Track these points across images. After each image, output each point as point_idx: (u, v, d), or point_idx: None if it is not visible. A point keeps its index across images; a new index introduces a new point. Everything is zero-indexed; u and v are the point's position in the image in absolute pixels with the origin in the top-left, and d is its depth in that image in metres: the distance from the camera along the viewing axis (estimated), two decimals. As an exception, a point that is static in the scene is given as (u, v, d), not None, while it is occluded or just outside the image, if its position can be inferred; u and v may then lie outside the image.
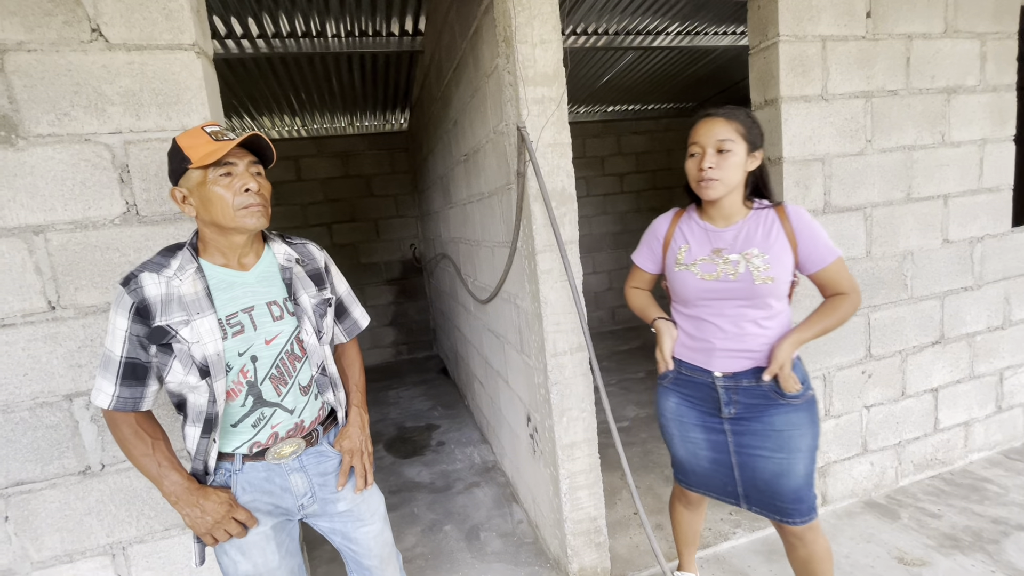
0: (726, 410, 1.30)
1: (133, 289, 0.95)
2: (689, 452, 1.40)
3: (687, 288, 1.31)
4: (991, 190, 2.17)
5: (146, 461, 1.01)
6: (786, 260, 1.21)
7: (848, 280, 1.23)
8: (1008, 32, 2.08)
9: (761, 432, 1.27)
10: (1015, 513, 1.98)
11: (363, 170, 5.01)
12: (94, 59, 1.20)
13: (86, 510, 1.32)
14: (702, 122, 1.23)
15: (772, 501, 1.30)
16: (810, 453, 1.27)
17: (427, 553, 2.08)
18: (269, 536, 1.09)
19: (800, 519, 1.28)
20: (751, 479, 1.32)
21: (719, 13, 3.07)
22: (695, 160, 1.24)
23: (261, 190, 1.00)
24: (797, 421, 1.25)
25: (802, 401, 1.25)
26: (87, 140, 1.22)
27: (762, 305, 1.23)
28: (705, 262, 1.28)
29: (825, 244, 1.21)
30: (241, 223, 0.98)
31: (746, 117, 1.22)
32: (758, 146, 1.23)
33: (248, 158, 1.00)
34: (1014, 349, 2.34)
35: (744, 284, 1.22)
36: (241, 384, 1.02)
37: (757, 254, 1.22)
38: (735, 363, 1.27)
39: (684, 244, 1.33)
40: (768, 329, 1.25)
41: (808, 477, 1.28)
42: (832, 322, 1.23)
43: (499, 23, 1.58)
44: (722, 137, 1.19)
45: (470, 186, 2.47)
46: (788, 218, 1.23)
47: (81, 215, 1.24)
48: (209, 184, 0.95)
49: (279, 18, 2.57)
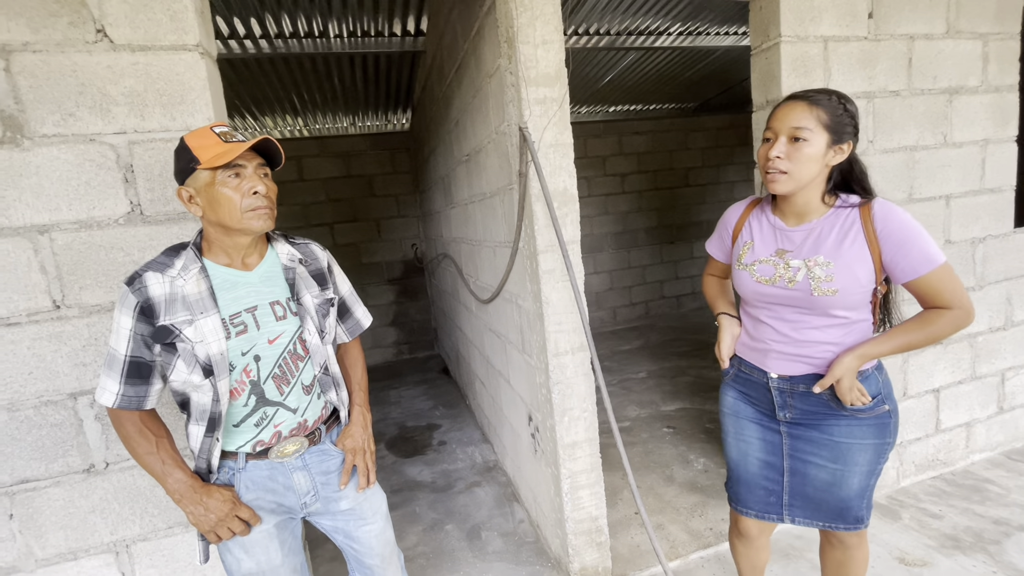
0: (780, 413, 1.22)
1: (137, 288, 0.96)
2: (741, 452, 1.32)
3: (744, 288, 1.22)
4: (993, 191, 2.17)
5: (150, 459, 1.01)
6: (859, 270, 1.07)
7: (952, 293, 1.05)
8: (1010, 33, 2.08)
9: (819, 440, 1.19)
10: (1016, 514, 1.97)
11: (365, 170, 5.02)
12: (99, 60, 1.20)
13: (90, 508, 1.33)
14: (781, 106, 1.10)
15: (817, 509, 1.23)
16: (870, 468, 1.17)
17: (428, 552, 2.09)
18: (272, 534, 1.09)
19: (844, 525, 1.22)
20: (800, 487, 1.23)
21: (721, 14, 3.07)
22: (766, 146, 1.11)
23: (269, 192, 1.01)
24: (860, 434, 1.15)
25: (870, 415, 1.15)
26: (92, 140, 1.23)
27: (824, 315, 1.12)
28: (765, 264, 1.17)
29: (921, 251, 1.04)
30: (248, 225, 0.99)
31: (836, 103, 1.06)
32: (845, 138, 1.07)
33: (257, 160, 1.01)
34: (1016, 350, 2.34)
35: (801, 294, 1.11)
36: (244, 383, 1.03)
37: (822, 263, 1.09)
38: (791, 366, 1.18)
39: (749, 240, 1.23)
40: (831, 337, 1.13)
41: (862, 491, 1.19)
42: (917, 338, 1.08)
43: (501, 24, 1.59)
44: (797, 124, 1.05)
45: (472, 186, 2.48)
46: (873, 220, 1.06)
47: (86, 215, 1.24)
48: (218, 185, 0.96)
49: (282, 18, 2.57)
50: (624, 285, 5.83)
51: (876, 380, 1.16)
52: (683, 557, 1.90)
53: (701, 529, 2.05)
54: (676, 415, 3.20)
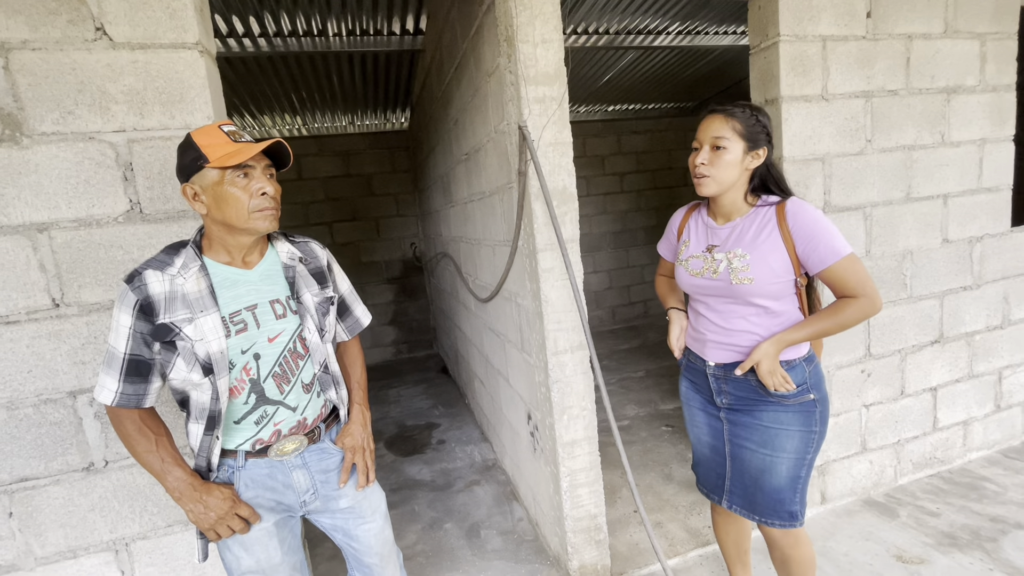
0: (717, 399, 1.33)
1: (137, 286, 0.96)
2: (695, 437, 1.44)
3: (681, 282, 1.36)
4: (990, 190, 2.17)
5: (149, 457, 1.01)
6: (773, 261, 1.17)
7: (857, 282, 1.16)
8: (1008, 32, 2.08)
9: (750, 425, 1.28)
10: (1013, 512, 1.98)
11: (364, 169, 5.02)
12: (98, 58, 1.20)
13: (89, 506, 1.33)
14: (705, 118, 1.23)
15: (753, 498, 1.30)
16: (798, 456, 1.24)
17: (428, 551, 2.09)
18: (272, 532, 1.09)
19: (779, 522, 1.27)
20: (739, 472, 1.32)
21: (720, 13, 3.07)
22: (694, 155, 1.24)
23: (275, 194, 1.02)
24: (787, 421, 1.23)
25: (795, 402, 1.23)
26: (91, 138, 1.22)
27: (748, 304, 1.22)
28: (696, 259, 1.30)
29: (827, 244, 1.15)
30: (253, 225, 0.99)
31: (749, 115, 1.19)
32: (760, 144, 1.20)
33: (265, 161, 1.01)
34: (1013, 348, 2.35)
35: (723, 283, 1.23)
36: (244, 382, 1.03)
37: (739, 254, 1.21)
38: (724, 354, 1.29)
39: (687, 239, 1.36)
40: (757, 326, 1.23)
41: (792, 481, 1.25)
42: (829, 325, 1.18)
43: (501, 22, 1.59)
44: (716, 134, 1.19)
45: (471, 185, 2.48)
46: (785, 217, 1.19)
47: (85, 213, 1.24)
48: (226, 184, 0.96)
49: (280, 17, 2.57)
50: (623, 284, 5.84)
51: (803, 370, 1.24)
52: (682, 555, 1.91)
53: (700, 527, 2.06)
54: (675, 414, 3.20)
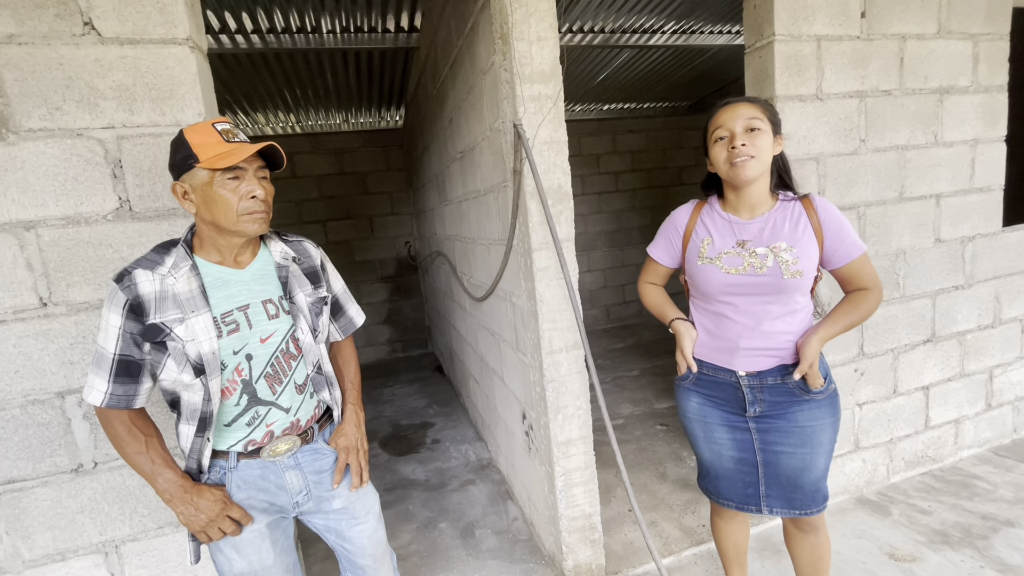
0: (751, 409, 1.27)
1: (127, 286, 0.94)
2: (714, 453, 1.36)
3: (711, 283, 1.25)
4: (982, 190, 2.19)
5: (140, 459, 1.00)
6: (812, 254, 1.18)
7: (872, 275, 1.21)
8: (1000, 33, 2.09)
9: (785, 429, 1.25)
10: (1004, 509, 2.00)
11: (358, 167, 4.99)
12: (86, 53, 1.18)
13: (78, 508, 1.32)
14: (725, 108, 1.20)
15: (792, 496, 1.28)
16: (830, 446, 1.27)
17: (422, 551, 2.08)
18: (264, 534, 1.08)
19: (816, 508, 1.28)
20: (774, 476, 1.29)
21: (715, 12, 3.07)
22: (724, 143, 1.19)
23: (267, 196, 1.00)
24: (820, 415, 1.24)
25: (825, 396, 1.24)
26: (79, 135, 1.21)
27: (788, 301, 1.21)
28: (730, 256, 1.23)
29: (852, 238, 1.19)
30: (242, 228, 0.98)
31: (764, 101, 1.21)
32: (779, 130, 1.21)
33: (257, 162, 1.00)
34: (1004, 347, 2.37)
35: (772, 279, 1.18)
36: (236, 383, 1.02)
37: (786, 248, 1.18)
38: (760, 362, 1.24)
39: (707, 237, 1.28)
40: (792, 326, 1.22)
41: (826, 469, 1.28)
42: (857, 317, 1.21)
43: (496, 20, 1.58)
44: (751, 116, 1.16)
45: (466, 183, 2.47)
46: (815, 211, 1.20)
47: (73, 211, 1.22)
48: (215, 186, 0.95)
49: (273, 13, 2.55)
50: (618, 283, 5.84)
51: (824, 362, 1.26)
52: (676, 554, 1.91)
53: (694, 526, 2.06)
54: (669, 413, 3.21)
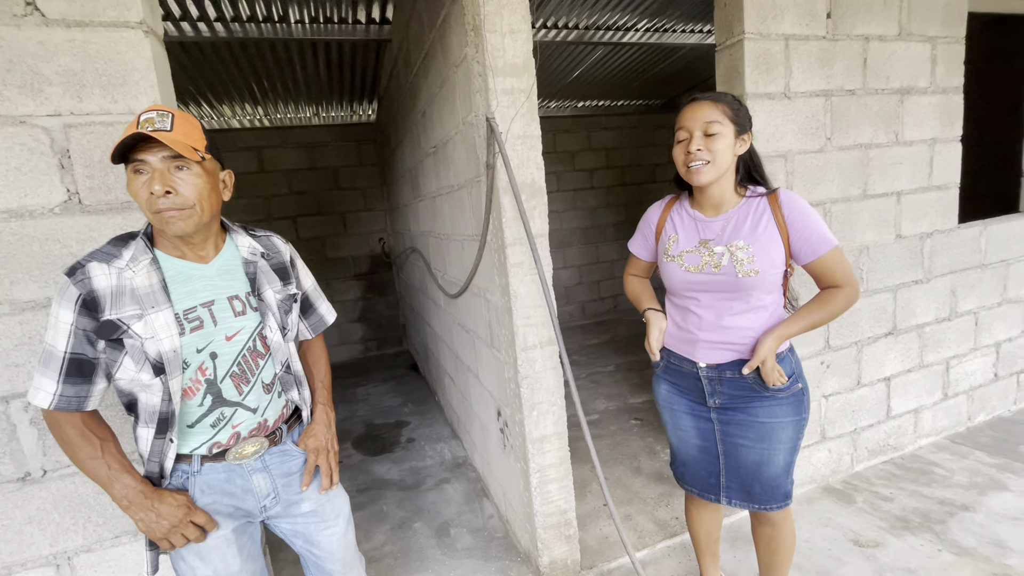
0: (711, 400, 1.30)
1: (80, 280, 0.89)
2: (680, 440, 1.41)
3: (673, 279, 1.30)
4: (940, 188, 2.27)
5: (94, 464, 0.94)
6: (773, 252, 1.18)
7: (844, 272, 1.19)
8: (956, 36, 2.18)
9: (745, 422, 1.27)
10: (959, 494, 2.09)
11: (330, 162, 4.88)
12: (29, 35, 1.11)
13: (26, 519, 1.24)
14: (688, 107, 1.20)
15: (751, 489, 1.31)
16: (791, 444, 1.27)
17: (396, 552, 2.05)
18: (230, 540, 1.04)
19: (775, 504, 1.30)
20: (734, 468, 1.32)
21: (687, 10, 3.11)
22: (683, 146, 1.20)
23: (178, 191, 0.90)
24: (781, 413, 1.24)
25: (787, 395, 1.24)
26: (22, 122, 1.13)
27: (747, 298, 1.21)
28: (691, 254, 1.26)
29: (820, 234, 1.16)
30: (161, 227, 0.92)
31: (732, 99, 1.19)
32: (746, 129, 1.20)
33: (163, 151, 0.89)
34: (959, 339, 2.47)
35: (727, 277, 1.20)
36: (199, 382, 0.98)
37: (742, 246, 1.18)
38: (718, 354, 1.26)
39: (673, 234, 1.31)
40: (753, 322, 1.22)
41: (787, 467, 1.29)
42: (821, 316, 1.20)
43: (468, 12, 1.55)
44: (709, 119, 1.15)
45: (439, 178, 2.43)
46: (780, 207, 1.18)
47: (16, 203, 1.15)
48: (128, 181, 0.90)
49: (239, 1, 2.46)
50: (593, 279, 5.88)
51: (790, 361, 1.27)
52: (650, 547, 1.93)
53: (668, 519, 2.09)
54: (644, 407, 3.25)
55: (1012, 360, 2.66)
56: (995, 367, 2.61)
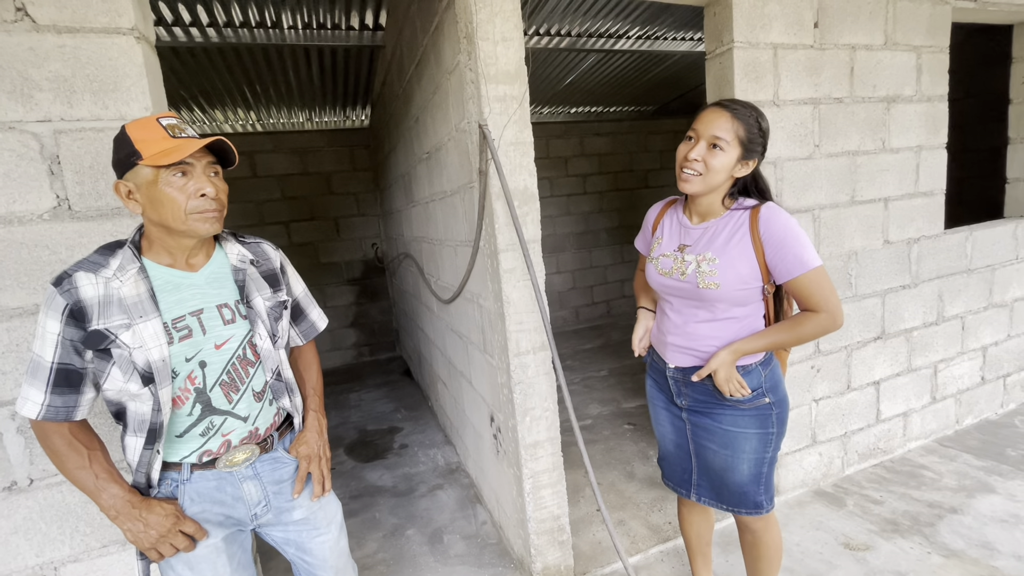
0: (679, 400, 1.34)
1: (67, 289, 0.88)
2: (660, 434, 1.46)
3: (650, 280, 1.34)
4: (926, 194, 2.31)
5: (82, 474, 0.94)
6: (742, 267, 1.15)
7: (821, 298, 1.12)
8: (940, 46, 2.22)
9: (710, 427, 1.29)
10: (948, 497, 2.11)
11: (323, 167, 4.87)
12: (19, 41, 1.10)
13: (12, 529, 1.22)
14: (708, 110, 1.16)
15: (720, 491, 1.34)
16: (757, 456, 1.26)
17: (389, 559, 2.04)
18: (220, 549, 1.03)
19: (746, 510, 1.31)
20: (704, 467, 1.35)
21: (678, 19, 3.14)
22: (686, 146, 1.17)
23: (219, 194, 0.95)
24: (744, 424, 1.25)
25: (750, 407, 1.23)
26: (11, 128, 1.12)
27: (713, 308, 1.21)
28: (667, 257, 1.28)
29: (795, 255, 1.12)
30: (192, 228, 0.93)
31: (754, 122, 1.14)
32: (753, 156, 1.16)
33: (207, 158, 0.94)
34: (947, 343, 2.50)
35: (690, 286, 1.21)
36: (188, 391, 0.97)
37: (709, 258, 1.18)
38: (683, 358, 1.29)
39: (660, 236, 1.34)
40: (719, 332, 1.22)
41: (754, 477, 1.28)
42: (785, 338, 1.17)
43: (460, 19, 1.56)
44: (717, 134, 1.12)
45: (432, 184, 2.44)
46: (758, 223, 1.15)
47: (5, 209, 1.14)
48: (161, 184, 0.89)
49: (231, 7, 2.45)
50: (586, 284, 5.90)
51: (759, 374, 1.24)
52: (643, 552, 1.93)
53: (660, 524, 2.09)
54: (637, 412, 3.25)
55: (999, 364, 2.70)
56: (982, 371, 2.65)
